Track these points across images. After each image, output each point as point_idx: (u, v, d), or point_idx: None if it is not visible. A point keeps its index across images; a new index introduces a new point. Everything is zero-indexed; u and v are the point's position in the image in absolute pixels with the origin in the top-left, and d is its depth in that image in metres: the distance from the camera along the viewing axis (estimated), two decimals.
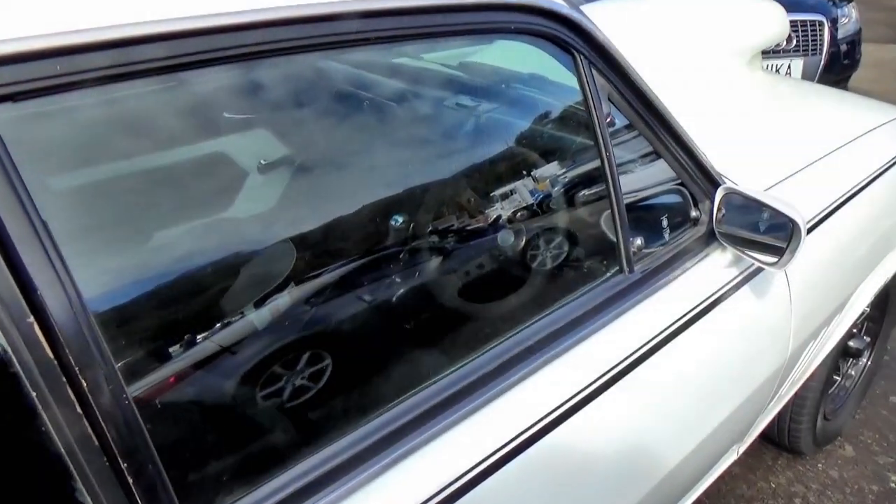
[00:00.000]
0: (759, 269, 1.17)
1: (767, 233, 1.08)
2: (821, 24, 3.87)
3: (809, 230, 1.20)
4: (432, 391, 0.80)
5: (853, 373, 1.99)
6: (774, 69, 3.88)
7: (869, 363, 2.00)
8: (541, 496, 0.86)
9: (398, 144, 1.11)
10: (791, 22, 3.00)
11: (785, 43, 3.82)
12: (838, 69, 3.98)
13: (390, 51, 1.13)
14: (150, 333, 0.77)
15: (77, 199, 0.81)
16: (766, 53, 3.71)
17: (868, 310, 1.73)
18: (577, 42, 0.89)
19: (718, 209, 1.12)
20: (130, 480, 0.55)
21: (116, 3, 0.55)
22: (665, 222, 1.11)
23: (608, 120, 0.97)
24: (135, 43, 0.55)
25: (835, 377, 1.94)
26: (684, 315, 1.04)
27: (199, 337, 0.82)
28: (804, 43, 3.89)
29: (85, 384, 0.53)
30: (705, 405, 1.13)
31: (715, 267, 1.13)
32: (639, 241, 1.03)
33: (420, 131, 1.17)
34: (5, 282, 0.49)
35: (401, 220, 1.01)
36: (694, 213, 1.14)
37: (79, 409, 0.53)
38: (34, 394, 0.50)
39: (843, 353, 1.85)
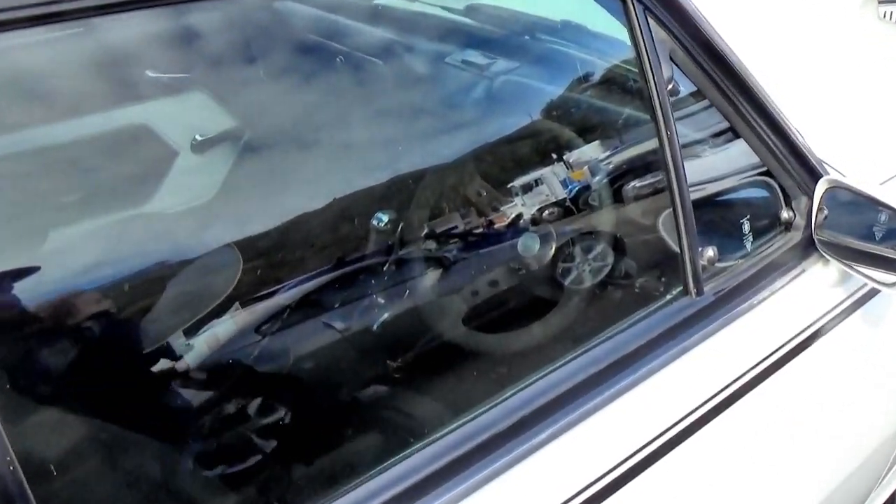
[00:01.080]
0: (874, 292, 1.16)
1: (885, 241, 1.07)
2: None
3: None
4: (426, 456, 0.79)
5: None
6: (894, 18, 3.89)
7: None
8: None
9: (383, 116, 1.11)
10: None
11: None
12: None
13: None
14: (44, 371, 0.76)
15: None
16: None
17: None
18: None
19: (819, 209, 1.11)
20: None
21: None
22: (746, 226, 1.11)
23: (670, 87, 0.97)
24: None
25: None
26: (772, 353, 1.03)
27: (109, 377, 0.82)
28: None
29: None
30: (801, 475, 1.13)
31: (814, 287, 1.13)
32: (710, 252, 1.02)
33: (412, 98, 1.17)
34: None
35: (386, 219, 1.01)
36: (785, 214, 1.14)
37: None
38: None
39: None
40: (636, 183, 1.12)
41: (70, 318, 0.80)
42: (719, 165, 1.12)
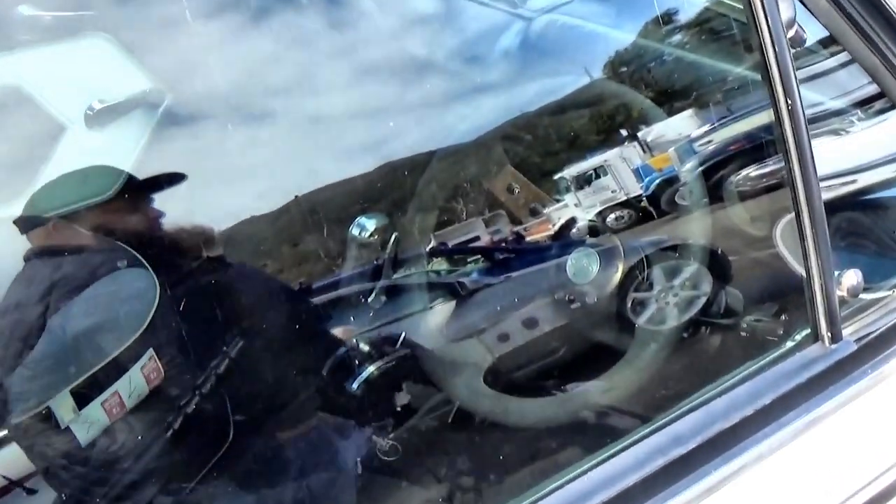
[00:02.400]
0: None
1: None
2: None
3: None
4: None
5: None
6: None
7: None
8: None
9: (368, 75, 1.11)
10: None
11: None
12: None
13: None
14: None
15: None
16: None
17: None
18: None
19: None
20: None
21: None
22: None
23: (791, 33, 0.97)
24: None
25: None
26: None
27: None
28: None
29: None
30: None
31: None
32: (852, 279, 1.01)
33: (413, 48, 1.17)
34: None
35: (371, 227, 1.00)
36: None
37: None
38: None
39: None
40: (744, 173, 1.11)
41: None
42: (865, 149, 1.12)
